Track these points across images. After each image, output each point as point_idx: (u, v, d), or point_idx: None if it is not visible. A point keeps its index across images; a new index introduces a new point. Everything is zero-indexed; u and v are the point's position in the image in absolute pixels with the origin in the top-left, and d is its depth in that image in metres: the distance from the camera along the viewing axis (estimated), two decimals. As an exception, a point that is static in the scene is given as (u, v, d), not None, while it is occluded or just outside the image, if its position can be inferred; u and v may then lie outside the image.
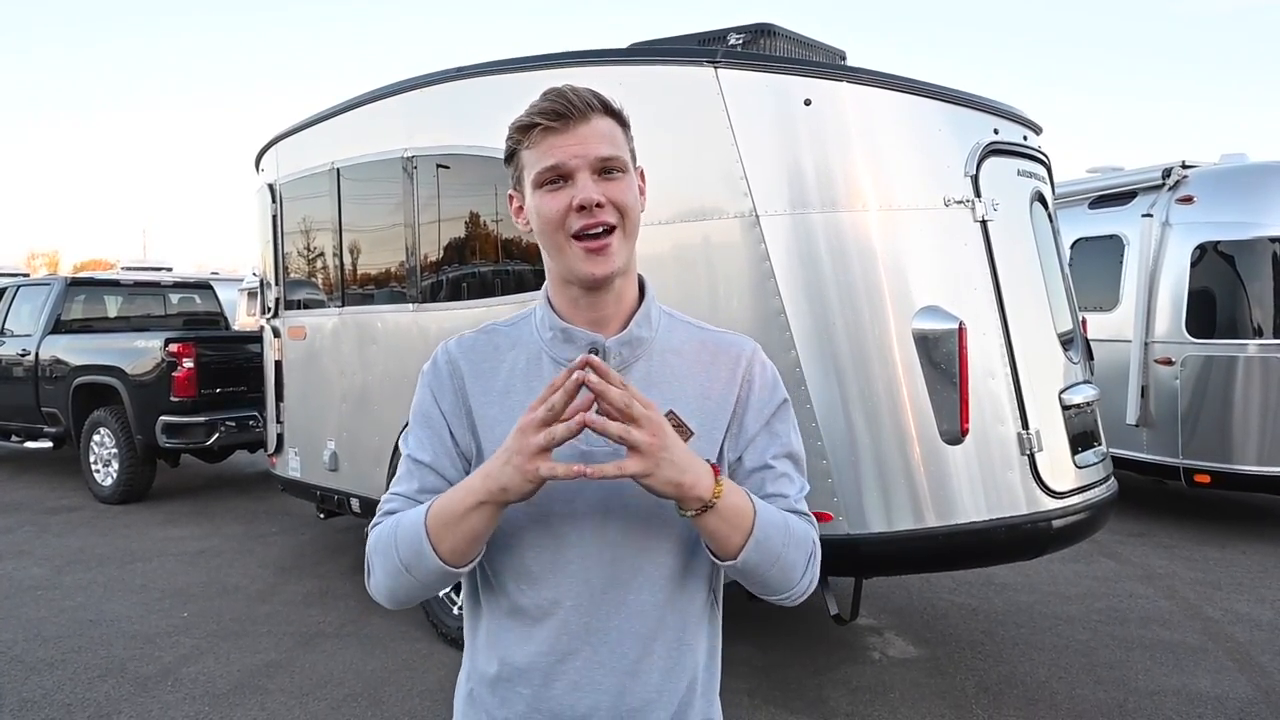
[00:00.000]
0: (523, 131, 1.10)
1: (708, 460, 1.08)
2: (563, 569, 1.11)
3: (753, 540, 1.07)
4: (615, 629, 1.11)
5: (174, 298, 9.61)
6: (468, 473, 1.13)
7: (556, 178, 1.08)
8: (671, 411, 1.13)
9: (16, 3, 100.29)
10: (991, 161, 3.49)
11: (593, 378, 0.97)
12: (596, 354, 1.12)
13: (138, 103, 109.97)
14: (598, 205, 1.07)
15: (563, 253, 1.10)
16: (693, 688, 1.17)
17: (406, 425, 1.22)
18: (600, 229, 1.08)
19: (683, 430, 1.13)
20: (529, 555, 1.12)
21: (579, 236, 1.08)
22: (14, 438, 8.75)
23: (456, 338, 1.22)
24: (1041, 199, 3.84)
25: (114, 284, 9.50)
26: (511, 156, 1.14)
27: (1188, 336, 6.18)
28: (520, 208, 1.16)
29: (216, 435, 7.22)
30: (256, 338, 7.30)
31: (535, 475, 0.99)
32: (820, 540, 1.23)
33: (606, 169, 1.09)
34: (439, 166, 4.27)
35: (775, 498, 1.17)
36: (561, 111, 1.08)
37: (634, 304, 1.18)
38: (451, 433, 1.17)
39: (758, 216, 3.29)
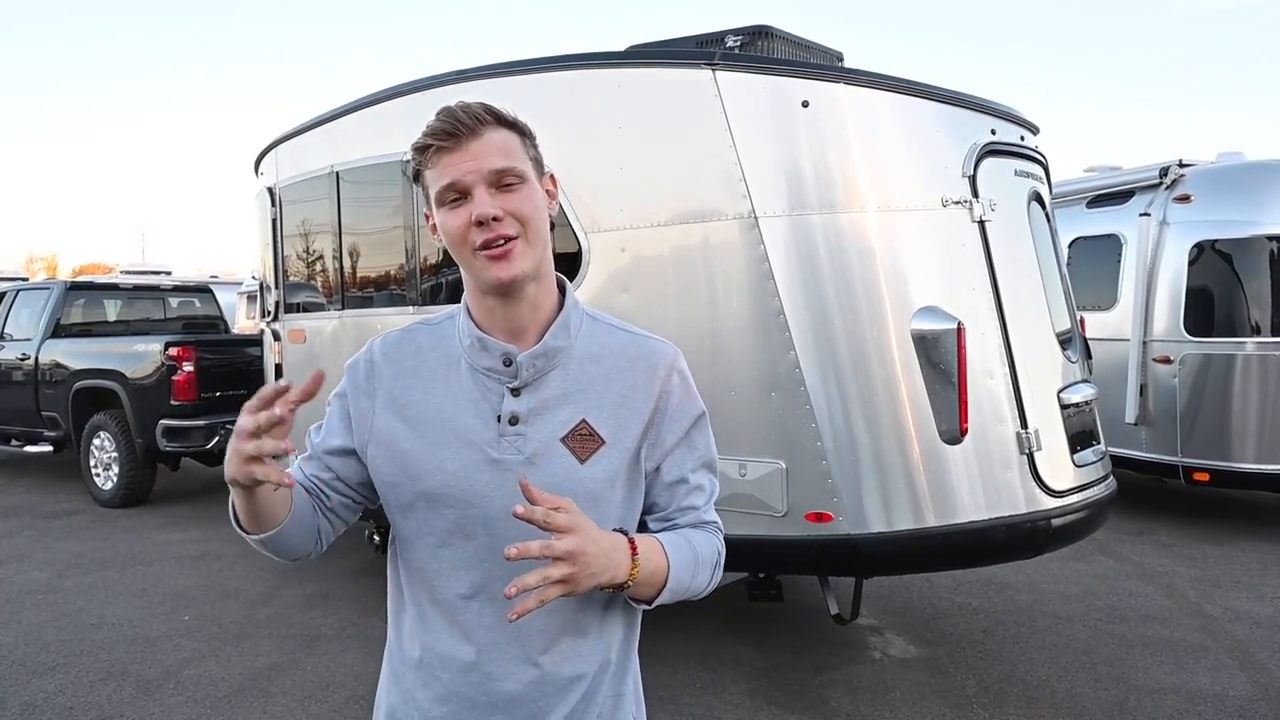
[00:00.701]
0: (420, 152, 1.13)
1: (621, 531, 1.13)
2: (476, 565, 1.16)
3: (666, 592, 1.15)
4: (524, 624, 1.14)
5: (173, 301, 9.61)
6: (348, 465, 1.22)
7: (456, 195, 1.11)
8: (584, 421, 1.16)
9: (15, 6, 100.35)
10: (989, 162, 3.50)
11: (519, 509, 1.01)
12: (509, 365, 1.16)
13: (136, 106, 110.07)
14: (494, 219, 1.09)
15: (470, 265, 1.13)
16: (604, 668, 1.22)
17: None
18: (500, 241, 1.10)
19: (593, 440, 1.16)
20: (443, 552, 1.17)
21: (481, 249, 1.11)
22: (14, 442, 8.74)
23: (383, 336, 1.27)
24: (1039, 199, 3.85)
25: (114, 288, 9.50)
26: (417, 177, 1.17)
27: (1186, 335, 6.20)
28: (434, 225, 1.18)
29: (217, 439, 7.21)
30: (256, 341, 7.32)
31: (250, 477, 1.01)
32: (820, 541, 1.27)
33: (503, 181, 1.11)
34: (438, 169, 4.27)
35: (687, 510, 1.24)
36: (450, 130, 1.10)
37: (552, 312, 1.20)
38: (350, 429, 1.22)
39: (756, 218, 3.30)
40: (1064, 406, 3.60)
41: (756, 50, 3.74)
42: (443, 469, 1.15)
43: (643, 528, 1.26)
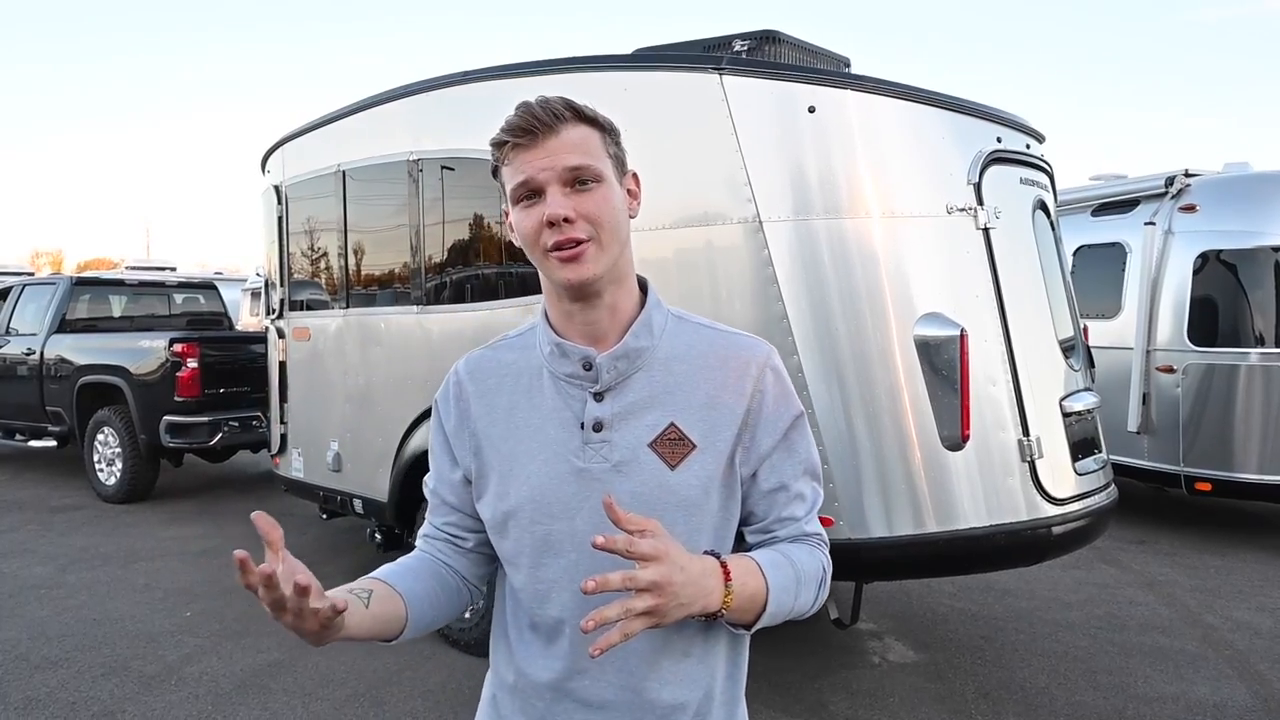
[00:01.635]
0: (497, 148, 1.10)
1: (714, 553, 1.06)
2: (566, 587, 1.11)
3: (766, 615, 1.09)
4: (621, 647, 1.07)
5: (178, 298, 9.64)
6: (469, 492, 1.19)
7: (529, 194, 1.07)
8: (673, 424, 1.11)
9: (18, 2, 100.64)
10: (994, 169, 3.50)
11: (598, 540, 0.94)
12: (589, 369, 1.11)
13: (142, 102, 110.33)
14: (565, 220, 1.05)
15: (542, 266, 1.10)
16: (710, 697, 1.16)
17: (409, 432, 1.27)
18: (571, 243, 1.06)
19: (684, 444, 1.11)
20: (538, 572, 1.13)
21: (553, 250, 1.07)
22: (18, 436, 8.77)
23: (466, 357, 1.24)
24: (1044, 207, 3.85)
25: (119, 284, 9.54)
26: (495, 172, 1.14)
27: (1189, 344, 6.19)
28: (511, 224, 1.16)
29: (220, 435, 7.24)
30: (260, 338, 7.33)
31: (321, 639, 0.95)
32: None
33: (579, 179, 1.06)
34: (444, 169, 4.29)
35: (787, 521, 1.17)
36: (527, 127, 1.06)
37: (632, 314, 1.15)
38: (454, 457, 1.20)
39: (761, 222, 3.31)
40: (1066, 414, 3.60)
41: (763, 55, 3.75)
42: (529, 483, 1.12)
43: (739, 540, 1.20)
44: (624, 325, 1.14)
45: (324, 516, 5.57)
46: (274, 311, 5.65)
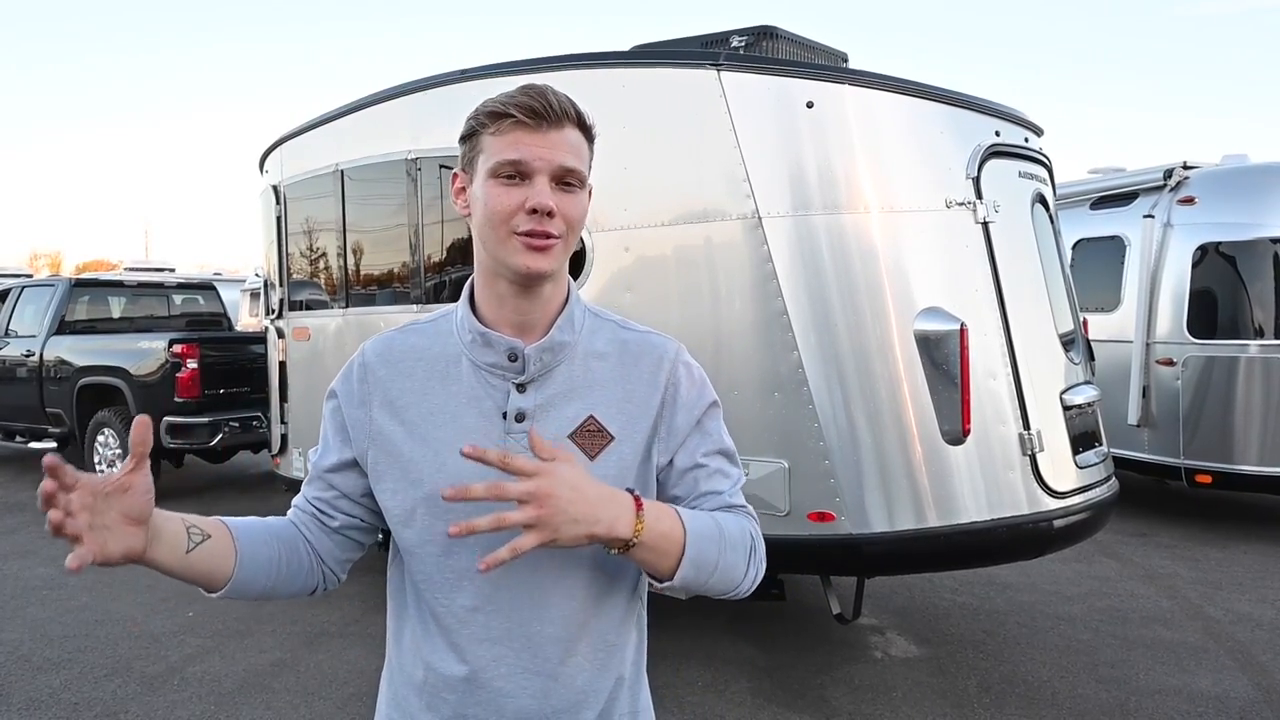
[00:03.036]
0: (492, 118, 1.08)
1: (628, 490, 1.06)
2: (481, 574, 1.08)
3: (686, 560, 1.06)
4: (537, 634, 1.10)
5: (177, 298, 9.63)
6: (361, 478, 1.17)
7: (515, 173, 1.06)
8: (592, 416, 1.13)
9: (18, 3, 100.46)
10: (993, 163, 3.51)
11: (466, 448, 0.96)
12: (514, 360, 1.12)
13: (140, 103, 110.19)
14: (548, 214, 1.06)
15: (503, 245, 1.08)
16: (620, 684, 1.18)
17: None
18: (543, 236, 1.07)
19: (602, 435, 1.12)
20: (447, 561, 1.12)
21: (522, 236, 1.06)
22: (19, 438, 8.77)
23: (373, 339, 1.21)
24: (1043, 200, 3.85)
25: (118, 285, 9.54)
26: (470, 136, 1.12)
27: (1189, 337, 6.20)
28: (463, 188, 1.14)
29: (220, 436, 7.24)
30: (260, 338, 7.34)
31: (114, 551, 0.99)
32: (822, 541, 1.24)
33: (565, 180, 1.08)
34: (442, 168, 4.29)
35: (709, 495, 1.16)
36: (539, 111, 1.06)
37: (559, 307, 1.15)
38: (348, 438, 1.17)
39: (760, 218, 3.31)
40: (1066, 408, 3.60)
41: (761, 51, 3.75)
42: (445, 471, 1.10)
43: None
44: (550, 318, 1.15)
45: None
46: (273, 312, 5.65)
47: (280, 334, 5.53)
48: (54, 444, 8.45)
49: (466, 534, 0.95)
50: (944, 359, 3.22)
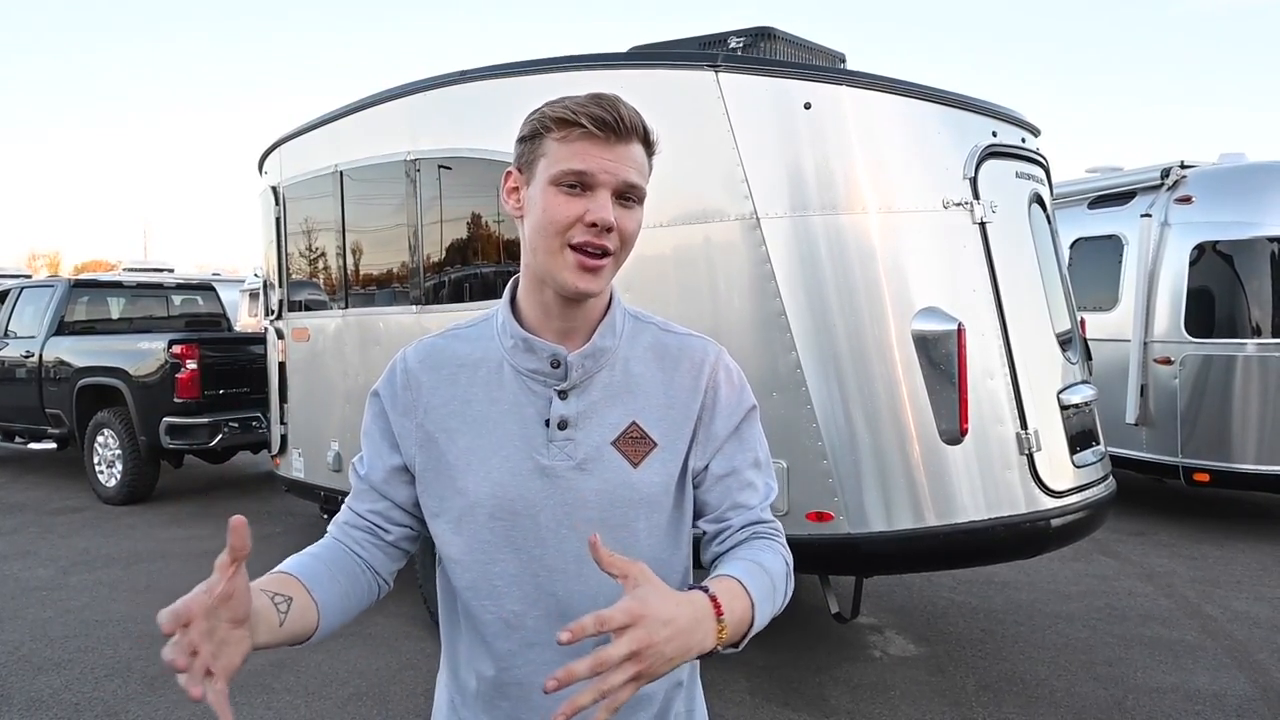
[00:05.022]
0: (559, 123, 1.04)
1: (702, 588, 0.98)
2: (528, 580, 1.10)
3: (754, 629, 1.04)
4: (589, 641, 1.07)
5: (176, 299, 9.63)
6: (412, 486, 1.14)
7: (578, 183, 1.04)
8: (634, 423, 1.12)
9: (19, 3, 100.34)
10: (990, 164, 3.52)
11: (563, 636, 0.84)
12: (557, 366, 1.10)
13: (140, 103, 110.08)
14: (608, 230, 1.04)
15: (554, 256, 1.05)
16: (677, 687, 1.17)
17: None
18: (599, 251, 1.05)
19: (645, 442, 1.11)
20: (493, 569, 1.11)
21: (577, 248, 1.04)
22: (18, 439, 8.78)
23: (415, 344, 1.18)
24: (1040, 200, 3.86)
25: (117, 285, 9.53)
26: (533, 137, 1.08)
27: (1186, 336, 6.21)
28: (516, 189, 1.11)
29: (220, 436, 7.24)
30: (259, 339, 7.34)
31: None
32: (820, 540, 1.24)
33: (626, 195, 1.06)
34: (441, 168, 4.30)
35: (741, 508, 1.15)
36: (610, 124, 1.03)
37: (600, 312, 1.14)
38: (395, 444, 1.15)
39: (758, 219, 3.32)
40: (1064, 407, 3.61)
41: (759, 52, 3.76)
42: (490, 478, 1.09)
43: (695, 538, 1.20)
44: (592, 323, 1.13)
45: (324, 516, 5.57)
46: (273, 312, 5.66)
47: (280, 334, 5.54)
48: (54, 445, 8.45)
49: (567, 682, 0.84)
50: (942, 359, 3.23)
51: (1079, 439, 3.69)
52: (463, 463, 1.11)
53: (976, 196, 3.41)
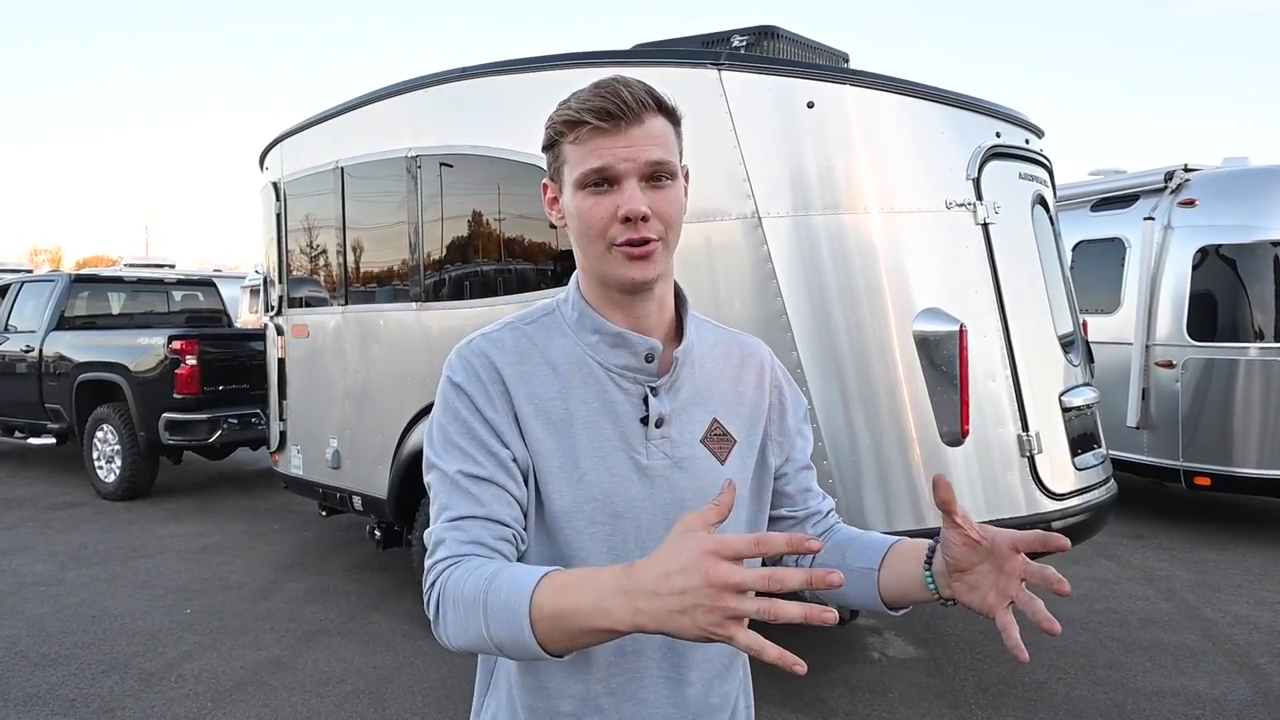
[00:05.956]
0: (569, 126, 1.01)
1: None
2: None
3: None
4: (677, 641, 1.03)
5: (177, 295, 9.63)
6: (526, 484, 1.04)
7: (601, 180, 1.00)
8: (715, 420, 1.11)
9: (18, 3, 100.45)
10: (993, 165, 3.51)
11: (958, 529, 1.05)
12: (650, 361, 1.06)
13: (141, 100, 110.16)
14: (643, 219, 0.99)
15: (601, 259, 1.03)
16: (744, 688, 1.19)
17: (408, 429, 1.15)
18: (642, 243, 1.00)
19: (727, 439, 1.11)
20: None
21: (620, 247, 1.01)
22: (17, 434, 8.78)
23: (481, 335, 1.09)
24: (1043, 202, 3.85)
25: (117, 281, 9.54)
26: (552, 146, 1.05)
27: (1189, 339, 6.19)
28: (555, 199, 1.08)
29: (219, 432, 7.24)
30: (259, 335, 7.33)
31: (724, 638, 0.83)
32: None
33: (655, 175, 1.01)
34: (442, 165, 4.29)
35: (811, 492, 1.22)
36: (613, 111, 0.99)
37: (668, 307, 1.11)
38: (503, 439, 1.03)
39: (760, 218, 3.31)
40: (1065, 409, 3.60)
41: (762, 50, 3.75)
42: (587, 479, 1.03)
43: (770, 524, 1.20)
44: (668, 320, 1.11)
45: (323, 513, 5.56)
46: (273, 308, 5.65)
47: (280, 331, 5.53)
48: (53, 440, 8.45)
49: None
50: (943, 360, 3.22)
51: (1080, 441, 3.68)
52: (556, 463, 1.04)
53: (979, 197, 3.40)
